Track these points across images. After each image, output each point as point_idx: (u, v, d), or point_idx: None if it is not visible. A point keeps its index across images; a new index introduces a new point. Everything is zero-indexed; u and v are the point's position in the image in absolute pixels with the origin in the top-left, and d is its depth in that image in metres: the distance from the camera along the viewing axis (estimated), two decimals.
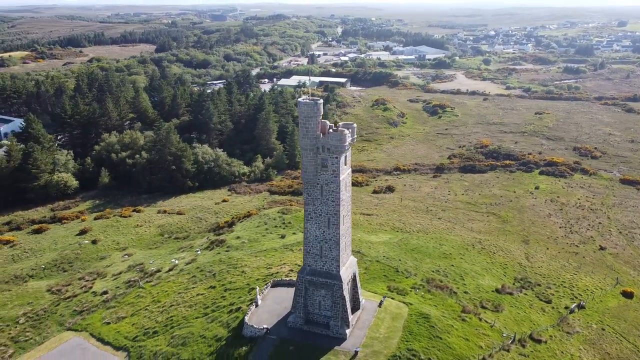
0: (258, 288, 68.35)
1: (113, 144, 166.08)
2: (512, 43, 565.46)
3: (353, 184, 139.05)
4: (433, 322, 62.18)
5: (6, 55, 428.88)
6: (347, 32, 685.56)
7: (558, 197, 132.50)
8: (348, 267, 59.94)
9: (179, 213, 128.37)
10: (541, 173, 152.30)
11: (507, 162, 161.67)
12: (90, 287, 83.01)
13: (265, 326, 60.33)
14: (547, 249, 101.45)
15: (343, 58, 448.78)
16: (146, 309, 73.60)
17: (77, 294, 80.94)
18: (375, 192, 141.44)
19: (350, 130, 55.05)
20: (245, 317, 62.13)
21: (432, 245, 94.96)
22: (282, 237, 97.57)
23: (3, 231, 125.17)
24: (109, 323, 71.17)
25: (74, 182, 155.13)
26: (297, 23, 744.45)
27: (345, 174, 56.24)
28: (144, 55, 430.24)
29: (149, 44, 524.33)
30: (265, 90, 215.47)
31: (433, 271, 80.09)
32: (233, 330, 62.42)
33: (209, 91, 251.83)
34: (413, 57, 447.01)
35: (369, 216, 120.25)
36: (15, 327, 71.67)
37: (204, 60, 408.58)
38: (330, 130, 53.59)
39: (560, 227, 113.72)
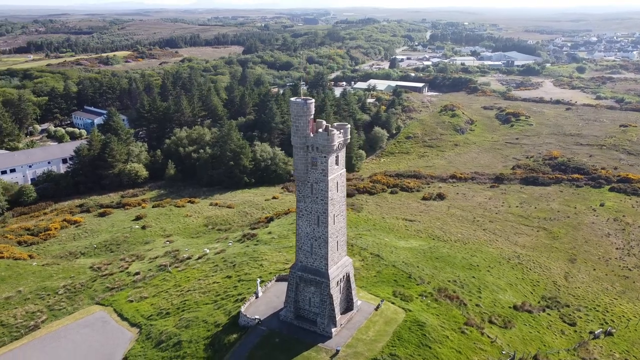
0: (259, 280, 70.64)
1: (182, 138, 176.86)
2: (615, 50, 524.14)
3: (403, 189, 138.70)
4: (427, 331, 60.86)
5: (111, 54, 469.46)
6: (435, 36, 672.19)
7: (624, 216, 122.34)
8: (340, 266, 60.39)
9: (228, 207, 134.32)
10: (611, 190, 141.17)
11: (575, 175, 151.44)
12: (127, 268, 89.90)
13: (257, 317, 62.44)
14: (594, 269, 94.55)
15: (426, 63, 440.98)
16: (167, 292, 78.63)
17: (113, 272, 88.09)
18: (424, 198, 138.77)
19: (341, 131, 55.64)
20: (242, 307, 64.63)
21: (462, 255, 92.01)
22: None
23: (75, 212, 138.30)
24: (132, 301, 76.94)
25: (144, 172, 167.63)
26: (385, 27, 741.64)
27: (337, 174, 56.84)
28: (232, 56, 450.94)
29: (239, 45, 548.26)
30: (328, 92, 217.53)
31: (449, 281, 77.87)
32: (232, 318, 65.14)
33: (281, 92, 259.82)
34: (500, 63, 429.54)
35: (411, 222, 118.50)
36: (54, 297, 79.66)
37: (287, 63, 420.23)
38: (319, 130, 54.53)
39: (616, 249, 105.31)
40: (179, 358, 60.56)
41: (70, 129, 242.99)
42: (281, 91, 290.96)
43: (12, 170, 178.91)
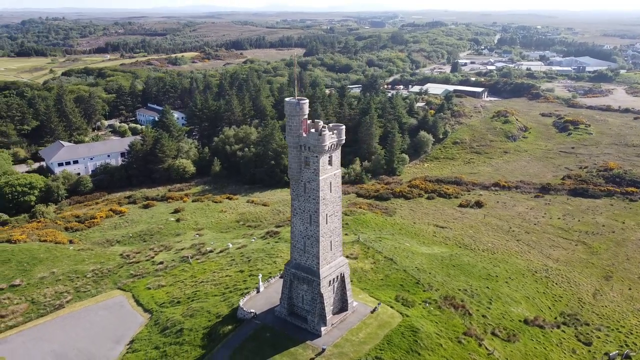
0: (261, 275, 72.24)
1: (229, 137, 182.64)
2: None
3: (440, 195, 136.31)
4: (419, 337, 59.95)
5: (180, 55, 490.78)
6: (504, 40, 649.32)
7: None
8: (334, 266, 60.77)
9: (264, 204, 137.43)
10: None
11: (631, 189, 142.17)
12: (153, 257, 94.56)
13: (252, 311, 64.08)
14: (629, 289, 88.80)
15: (490, 67, 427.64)
16: (182, 282, 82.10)
17: (139, 260, 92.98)
18: (461, 205, 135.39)
19: (335, 132, 56.11)
20: (241, 301, 66.49)
21: (483, 265, 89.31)
22: None
23: (123, 203, 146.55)
24: (149, 288, 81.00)
25: (191, 168, 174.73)
26: (452, 30, 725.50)
27: (330, 174, 57.33)
28: (293, 58, 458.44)
29: (302, 48, 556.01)
30: (372, 95, 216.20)
31: (460, 289, 75.95)
32: (233, 310, 67.15)
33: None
34: (570, 68, 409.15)
35: (441, 229, 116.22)
36: (82, 280, 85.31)
37: (346, 65, 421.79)
38: (312, 130, 55.28)
39: None
40: (178, 344, 63.30)
41: (133, 125, 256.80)
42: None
43: (75, 162, 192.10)
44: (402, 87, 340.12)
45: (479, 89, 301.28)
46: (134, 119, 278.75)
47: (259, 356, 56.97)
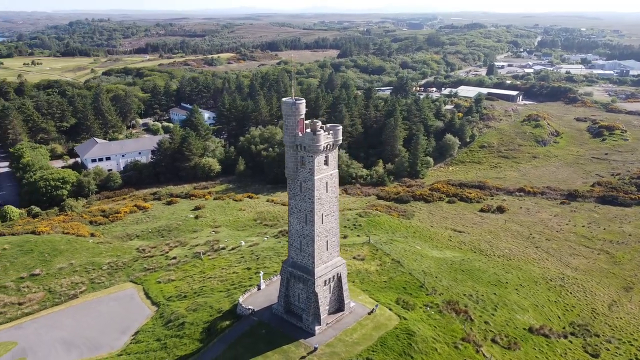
0: (262, 273, 73.07)
1: (255, 136, 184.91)
2: None
3: (462, 199, 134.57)
4: (414, 341, 59.49)
5: (216, 56, 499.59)
6: (544, 43, 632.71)
7: None
8: (330, 266, 60.96)
9: (283, 204, 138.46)
10: None
11: None
12: (167, 252, 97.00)
13: (251, 307, 64.99)
14: None
15: (527, 70, 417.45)
16: (191, 277, 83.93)
17: (154, 255, 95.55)
18: (482, 210, 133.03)
19: (331, 132, 56.37)
20: (241, 298, 67.51)
21: (495, 271, 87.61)
22: (345, 237, 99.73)
23: (148, 199, 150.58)
24: (160, 282, 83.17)
25: (217, 167, 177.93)
26: (491, 32, 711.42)
27: (326, 174, 57.62)
28: (326, 59, 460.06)
29: (336, 49, 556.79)
30: (398, 97, 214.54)
31: (465, 294, 74.79)
32: (234, 306, 68.23)
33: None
34: (613, 72, 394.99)
35: (458, 233, 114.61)
36: (97, 272, 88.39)
37: (379, 67, 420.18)
38: (307, 130, 55.71)
39: None
40: (178, 337, 64.85)
41: (166, 124, 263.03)
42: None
43: (108, 159, 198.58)
44: (434, 89, 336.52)
45: (514, 92, 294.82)
46: (167, 117, 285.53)
47: (252, 352, 57.78)
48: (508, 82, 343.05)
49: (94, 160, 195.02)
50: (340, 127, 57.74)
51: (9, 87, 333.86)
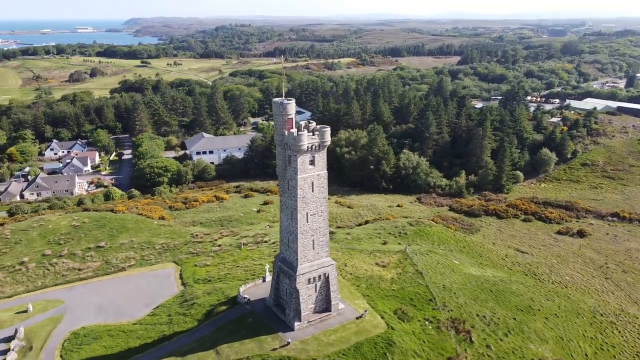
0: (268, 266, 75.42)
1: (341, 139, 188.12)
2: None
3: (540, 219, 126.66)
4: (392, 351, 57.96)
5: (336, 60, 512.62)
6: None
7: None
8: (316, 265, 61.63)
9: (348, 206, 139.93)
10: None
11: None
12: (216, 240, 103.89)
13: (246, 297, 68.04)
14: None
15: None
16: (224, 264, 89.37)
17: (203, 241, 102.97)
18: (559, 232, 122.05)
19: (316, 133, 57.24)
20: (241, 287, 70.87)
21: (533, 296, 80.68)
22: (384, 243, 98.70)
23: (230, 192, 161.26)
24: (196, 266, 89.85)
25: None
26: None
27: (311, 174, 58.52)
28: (445, 66, 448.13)
29: (460, 56, 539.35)
30: (495, 106, 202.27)
31: (477, 315, 70.25)
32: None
33: (476, 106, 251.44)
34: None
35: (521, 253, 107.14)
36: (150, 250, 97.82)
37: (501, 75, 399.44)
38: (294, 130, 57.22)
39: None
40: (184, 315, 70.19)
41: (273, 124, 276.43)
42: (478, 104, 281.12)
43: (211, 152, 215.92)
44: (557, 100, 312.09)
45: None
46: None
47: (233, 336, 60.84)
48: None
49: (198, 153, 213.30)
50: (328, 129, 58.33)
51: (147, 84, 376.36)
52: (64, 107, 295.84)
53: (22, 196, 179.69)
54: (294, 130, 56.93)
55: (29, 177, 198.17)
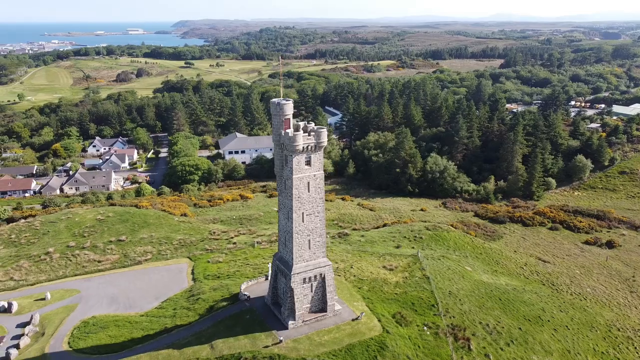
0: (271, 264, 75.93)
1: (370, 142, 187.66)
2: None
3: (567, 228, 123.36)
4: (383, 355, 57.50)
5: (376, 63, 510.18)
6: None
7: None
8: (312, 265, 61.84)
9: (370, 209, 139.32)
10: None
11: None
12: (232, 238, 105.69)
13: (246, 294, 69.04)
14: None
15: None
16: (235, 262, 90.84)
17: (220, 238, 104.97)
18: (586, 242, 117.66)
19: (312, 134, 57.53)
20: (243, 285, 71.90)
21: (545, 306, 78.16)
22: (397, 247, 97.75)
23: (256, 191, 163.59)
24: (209, 262, 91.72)
25: (329, 167, 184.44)
26: None
27: (307, 174, 58.76)
28: (487, 69, 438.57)
29: (504, 59, 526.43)
30: (520, 111, 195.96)
31: (480, 323, 68.61)
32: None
33: (514, 110, 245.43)
34: None
35: (542, 262, 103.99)
36: (167, 245, 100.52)
37: (544, 79, 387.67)
38: (289, 130, 57.70)
39: None
40: (188, 309, 71.80)
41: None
42: (518, 109, 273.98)
43: (243, 152, 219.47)
44: (603, 105, 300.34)
45: None
46: (311, 118, 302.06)
47: (229, 332, 61.92)
48: None
49: (230, 152, 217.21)
50: (325, 130, 58.53)
51: (188, 85, 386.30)
52: (108, 105, 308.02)
53: (61, 190, 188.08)
54: (290, 130, 57.47)
55: (70, 172, 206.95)
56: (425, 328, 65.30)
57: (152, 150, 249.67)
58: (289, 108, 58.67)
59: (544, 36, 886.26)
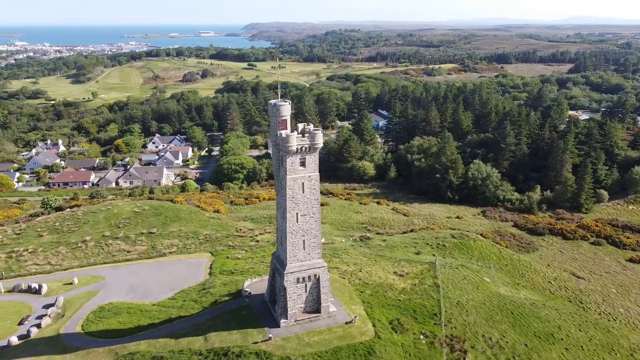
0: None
1: (413, 146, 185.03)
2: None
3: (612, 243, 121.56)
4: (370, 359, 57.03)
5: (437, 66, 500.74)
6: None
7: None
8: (306, 266, 62.16)
9: (404, 214, 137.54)
10: None
11: None
12: (257, 236, 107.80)
13: (248, 291, 70.44)
14: None
15: None
16: (252, 259, 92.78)
17: (245, 236, 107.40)
18: (631, 260, 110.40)
19: (306, 135, 57.99)
20: (246, 282, 73.38)
21: (562, 324, 74.05)
22: (417, 253, 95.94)
23: None
24: (228, 258, 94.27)
25: (371, 171, 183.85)
26: None
27: (302, 175, 59.22)
28: (554, 74, 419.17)
29: (574, 63, 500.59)
30: (585, 121, 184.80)
31: (483, 336, 66.09)
32: None
33: (582, 118, 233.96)
34: None
35: (577, 278, 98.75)
36: (193, 239, 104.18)
37: (617, 85, 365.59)
38: (282, 131, 58.49)
39: None
40: (195, 302, 74.27)
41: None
42: (583, 116, 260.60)
43: None
44: None
45: None
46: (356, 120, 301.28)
47: (225, 326, 63.58)
48: None
49: None
50: (320, 132, 58.82)
51: (247, 86, 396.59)
52: (170, 104, 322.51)
53: (117, 183, 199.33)
54: (284, 131, 58.31)
55: (128, 167, 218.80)
56: (421, 336, 63.96)
57: (206, 149, 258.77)
58: (286, 109, 59.48)
59: (624, 40, 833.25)
